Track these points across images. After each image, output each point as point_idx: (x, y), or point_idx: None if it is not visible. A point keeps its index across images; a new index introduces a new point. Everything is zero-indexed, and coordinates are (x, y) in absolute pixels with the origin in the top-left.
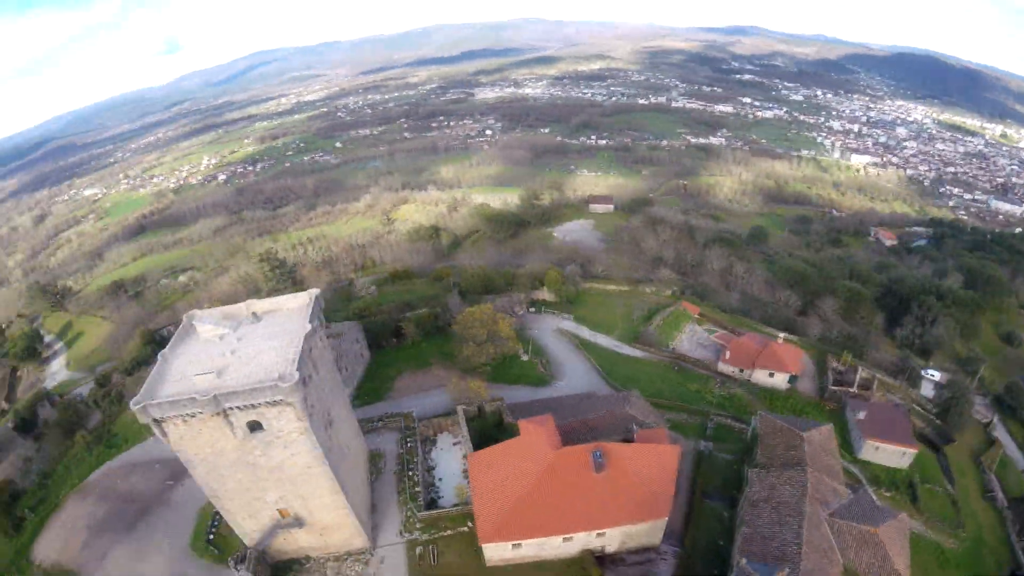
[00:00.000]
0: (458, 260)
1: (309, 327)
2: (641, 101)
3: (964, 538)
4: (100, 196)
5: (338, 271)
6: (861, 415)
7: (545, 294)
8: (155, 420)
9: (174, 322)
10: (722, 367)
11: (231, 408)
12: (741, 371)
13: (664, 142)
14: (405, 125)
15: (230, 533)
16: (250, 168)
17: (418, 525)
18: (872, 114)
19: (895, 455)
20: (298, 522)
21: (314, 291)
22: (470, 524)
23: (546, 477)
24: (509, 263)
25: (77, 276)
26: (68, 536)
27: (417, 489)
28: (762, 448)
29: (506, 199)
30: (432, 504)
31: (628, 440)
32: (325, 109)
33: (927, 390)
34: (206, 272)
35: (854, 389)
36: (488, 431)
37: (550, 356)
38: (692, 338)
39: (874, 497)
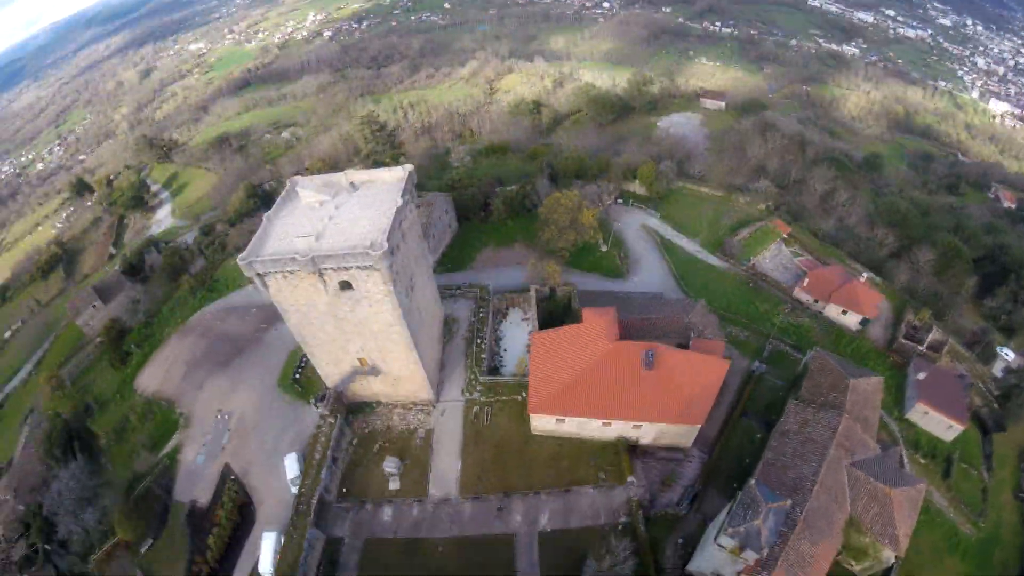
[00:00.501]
0: (556, 139)
1: (401, 201)
2: None
3: (982, 528)
4: (205, 51)
5: (436, 138)
6: (921, 375)
7: (636, 187)
8: (258, 274)
9: (276, 177)
10: (798, 293)
11: (326, 269)
12: (816, 301)
13: (793, 41)
14: None
15: (313, 375)
16: (356, 26)
17: (478, 387)
18: (1022, 60)
19: (942, 425)
20: (374, 371)
21: (408, 167)
22: (523, 394)
23: (598, 365)
24: (607, 149)
25: (183, 129)
26: (169, 369)
27: (483, 355)
28: (808, 383)
29: (615, 79)
30: (494, 371)
31: (683, 346)
32: None
33: (998, 369)
34: (308, 129)
35: (923, 348)
36: (556, 312)
37: (629, 250)
38: (776, 257)
39: (905, 459)
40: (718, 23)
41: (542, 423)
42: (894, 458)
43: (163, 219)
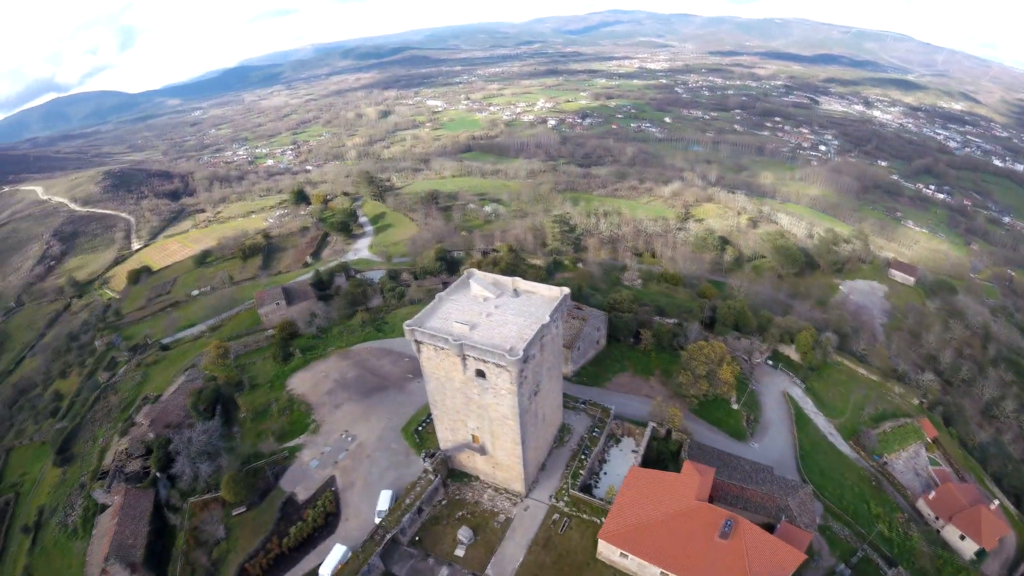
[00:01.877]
0: (731, 280)
1: (548, 320)
2: (997, 162)
3: None
4: (440, 109)
5: (618, 251)
6: None
7: (791, 352)
8: (416, 341)
9: (467, 248)
10: (921, 505)
11: (468, 356)
12: (936, 519)
13: (1007, 219)
14: (738, 117)
15: (432, 434)
16: (579, 121)
17: (566, 498)
18: None
19: None
20: (482, 450)
21: (565, 290)
22: (602, 519)
23: (678, 518)
24: (777, 304)
25: (402, 174)
26: (319, 381)
27: (581, 471)
28: None
29: (812, 227)
30: (587, 489)
31: (771, 526)
32: (664, 81)
33: None
34: (509, 209)
35: None
36: (664, 454)
37: (760, 414)
38: (911, 460)
39: None
40: (932, 186)
41: (608, 551)
42: None
43: (360, 249)
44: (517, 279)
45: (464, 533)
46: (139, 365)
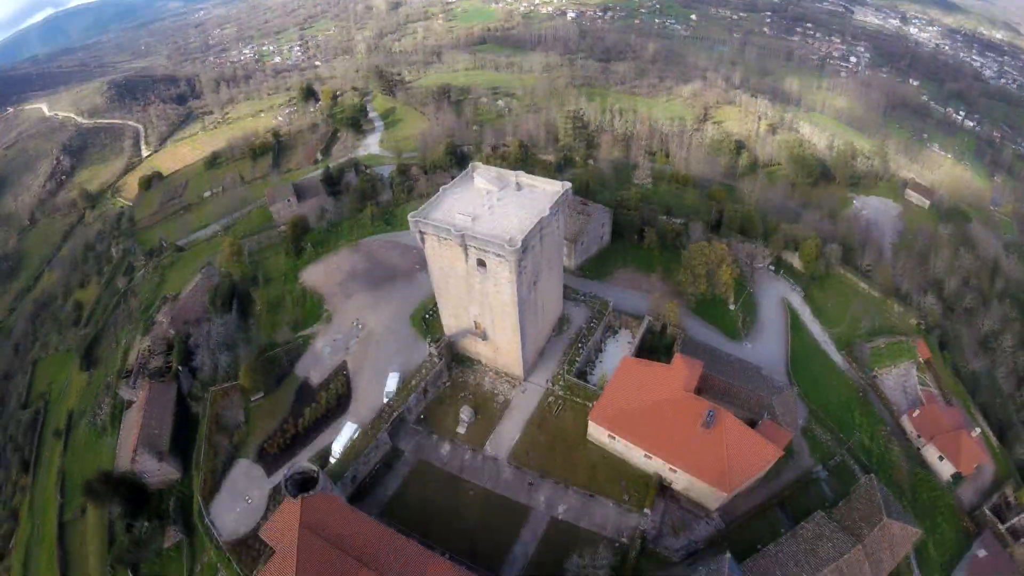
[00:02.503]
0: (742, 185)
1: (547, 213)
2: None
3: None
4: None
5: (631, 150)
6: (981, 553)
7: (795, 260)
8: (420, 232)
9: (477, 141)
10: (904, 421)
11: (470, 246)
12: (919, 437)
13: None
14: (768, 19)
15: (438, 321)
16: (600, 14)
17: (561, 383)
18: None
19: None
20: (483, 336)
21: (567, 185)
22: (592, 404)
23: (664, 406)
24: (788, 210)
25: (413, 68)
26: (331, 273)
27: (577, 358)
28: (845, 503)
29: (834, 139)
30: (582, 375)
31: (752, 422)
32: None
33: None
34: (521, 104)
35: (1002, 527)
36: (658, 348)
37: (756, 317)
38: (901, 378)
39: None
40: (963, 112)
41: (598, 433)
42: None
43: (370, 144)
44: (520, 173)
45: (466, 412)
46: (156, 268)
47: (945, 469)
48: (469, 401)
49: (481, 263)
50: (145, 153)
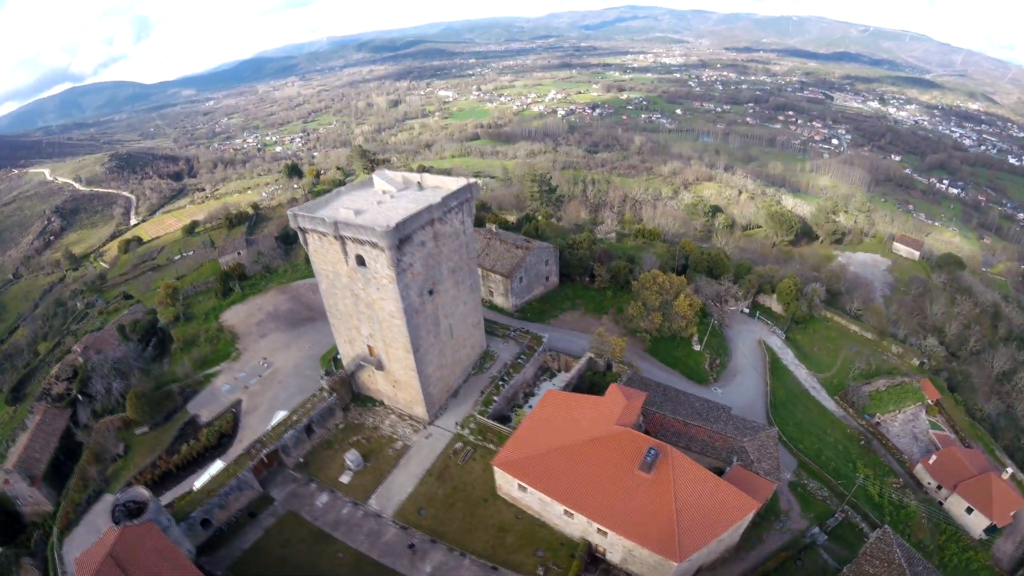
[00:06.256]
0: (715, 241)
1: (437, 200)
2: (1013, 160)
3: None
4: (451, 100)
5: (599, 213)
6: None
7: (773, 303)
8: (299, 228)
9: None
10: (919, 471)
11: (346, 237)
12: (939, 488)
13: (1022, 215)
14: (751, 110)
15: None
16: (589, 111)
17: (472, 425)
18: None
19: None
20: (378, 364)
21: (474, 180)
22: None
23: (590, 446)
24: (766, 262)
25: (403, 156)
26: (252, 312)
27: (495, 397)
28: (854, 569)
29: (816, 208)
30: (504, 420)
31: (720, 470)
32: (679, 76)
33: None
34: (497, 182)
35: None
36: (601, 386)
37: (730, 360)
38: (909, 423)
39: None
40: (946, 181)
41: (507, 484)
42: None
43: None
44: (425, 174)
45: (352, 456)
46: (100, 313)
47: (976, 523)
48: (360, 446)
49: (361, 260)
50: (134, 221)
